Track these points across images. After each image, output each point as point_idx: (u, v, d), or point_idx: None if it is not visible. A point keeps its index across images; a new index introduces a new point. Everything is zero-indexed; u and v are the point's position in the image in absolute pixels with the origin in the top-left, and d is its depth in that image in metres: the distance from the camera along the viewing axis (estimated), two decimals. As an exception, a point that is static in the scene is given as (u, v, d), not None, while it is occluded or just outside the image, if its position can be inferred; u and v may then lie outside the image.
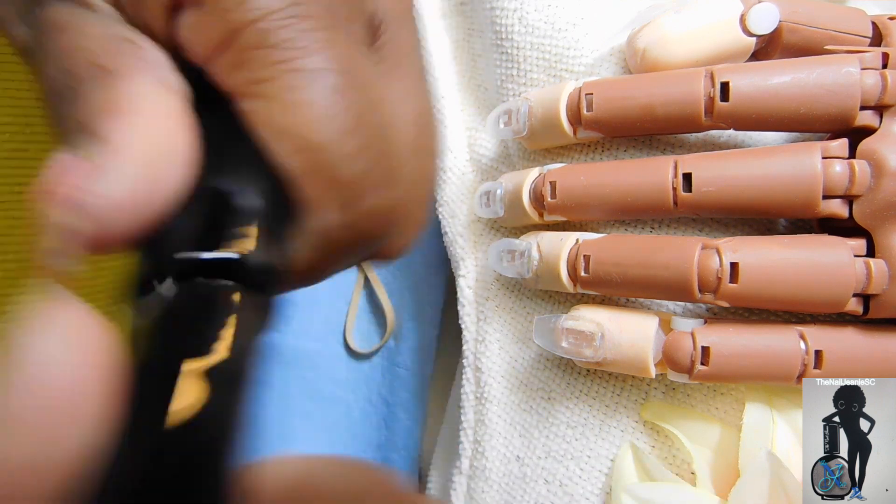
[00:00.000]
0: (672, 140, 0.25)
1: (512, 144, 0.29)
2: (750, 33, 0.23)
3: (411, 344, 0.37)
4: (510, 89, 0.28)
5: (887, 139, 0.21)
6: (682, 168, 0.22)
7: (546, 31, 0.26)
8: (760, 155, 0.21)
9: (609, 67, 0.26)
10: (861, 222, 0.21)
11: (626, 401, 0.25)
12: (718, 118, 0.22)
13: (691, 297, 0.21)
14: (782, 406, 0.23)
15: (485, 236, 0.30)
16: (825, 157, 0.21)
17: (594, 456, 0.25)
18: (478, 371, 0.29)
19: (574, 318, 0.24)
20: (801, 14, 0.23)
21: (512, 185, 0.26)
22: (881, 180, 0.20)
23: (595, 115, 0.23)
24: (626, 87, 0.23)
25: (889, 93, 0.21)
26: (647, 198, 0.23)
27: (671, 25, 0.23)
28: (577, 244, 0.24)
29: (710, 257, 0.21)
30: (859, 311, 0.21)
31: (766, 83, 0.21)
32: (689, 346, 0.21)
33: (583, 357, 0.23)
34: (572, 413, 0.26)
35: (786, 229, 0.24)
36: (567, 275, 0.24)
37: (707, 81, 0.22)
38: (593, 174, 0.24)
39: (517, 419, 0.28)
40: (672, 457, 0.24)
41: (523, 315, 0.28)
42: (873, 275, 0.20)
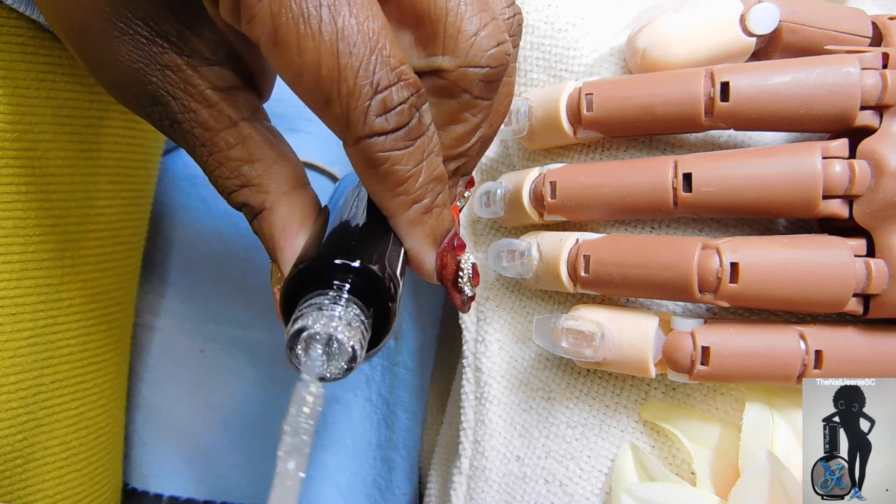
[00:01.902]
0: (672, 140, 0.25)
1: (512, 144, 0.29)
2: (750, 33, 0.23)
3: (411, 344, 0.37)
4: (510, 89, 0.28)
5: (887, 139, 0.21)
6: (682, 168, 0.22)
7: (546, 31, 0.26)
8: (760, 155, 0.21)
9: (609, 67, 0.26)
10: (861, 222, 0.21)
11: (626, 401, 0.25)
12: (718, 118, 0.22)
13: (691, 297, 0.21)
14: (782, 406, 0.23)
15: (485, 236, 0.30)
16: (825, 157, 0.21)
17: (594, 456, 0.25)
18: (478, 371, 0.29)
19: (574, 318, 0.24)
20: (801, 14, 0.23)
21: (512, 185, 0.26)
22: (881, 180, 0.20)
23: (595, 115, 0.23)
24: (626, 87, 0.23)
25: (889, 93, 0.21)
26: (647, 198, 0.23)
27: (671, 25, 0.23)
28: (577, 244, 0.24)
29: (710, 257, 0.21)
30: (859, 311, 0.21)
31: (766, 83, 0.21)
32: (689, 346, 0.21)
33: (583, 357, 0.23)
34: (572, 413, 0.26)
35: (786, 229, 0.24)
36: (567, 275, 0.24)
37: (707, 81, 0.22)
38: (593, 174, 0.24)
39: (517, 419, 0.28)
40: (672, 457, 0.24)
41: (523, 315, 0.28)
42: (873, 275, 0.20)
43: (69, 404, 0.30)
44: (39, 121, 0.27)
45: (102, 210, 0.31)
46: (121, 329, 0.34)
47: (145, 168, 0.34)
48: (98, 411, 0.32)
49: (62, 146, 0.28)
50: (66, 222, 0.29)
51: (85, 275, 0.30)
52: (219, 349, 0.39)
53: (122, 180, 0.32)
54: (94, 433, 0.32)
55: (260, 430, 0.38)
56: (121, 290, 0.33)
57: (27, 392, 0.28)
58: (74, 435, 0.30)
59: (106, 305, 0.32)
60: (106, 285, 0.32)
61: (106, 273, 0.32)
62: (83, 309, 0.30)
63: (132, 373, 0.38)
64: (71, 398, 0.30)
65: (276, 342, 0.38)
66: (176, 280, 0.39)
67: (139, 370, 0.38)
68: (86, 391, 0.31)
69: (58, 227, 0.28)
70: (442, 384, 0.37)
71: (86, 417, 0.31)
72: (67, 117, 0.28)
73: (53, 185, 0.28)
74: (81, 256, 0.30)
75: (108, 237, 0.31)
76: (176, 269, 0.39)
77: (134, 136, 0.32)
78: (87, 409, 0.31)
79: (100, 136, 0.30)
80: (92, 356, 0.31)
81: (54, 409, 0.29)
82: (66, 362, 0.30)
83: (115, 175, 0.31)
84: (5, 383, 0.27)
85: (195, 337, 0.39)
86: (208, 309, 0.39)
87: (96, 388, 0.32)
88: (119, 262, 0.33)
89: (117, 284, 0.33)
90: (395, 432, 0.37)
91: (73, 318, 0.30)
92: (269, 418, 0.38)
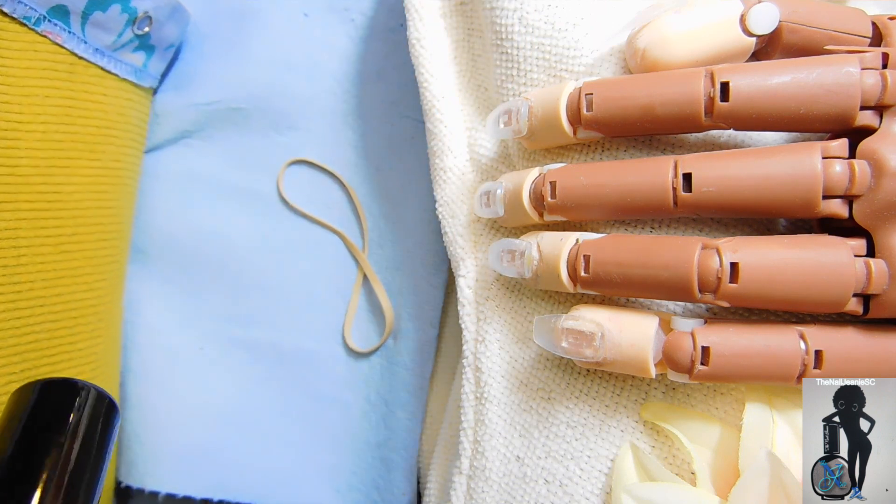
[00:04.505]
0: (672, 140, 0.25)
1: (512, 144, 0.29)
2: (750, 33, 0.23)
3: (410, 344, 0.37)
4: (510, 89, 0.28)
5: (887, 139, 0.21)
6: (682, 168, 0.22)
7: (546, 31, 0.26)
8: (760, 155, 0.21)
9: (609, 67, 0.26)
10: (861, 222, 0.21)
11: (626, 401, 0.25)
12: (718, 118, 0.22)
13: (691, 297, 0.21)
14: (782, 406, 0.23)
15: (485, 236, 0.30)
16: (825, 157, 0.21)
17: (594, 456, 0.25)
18: (478, 371, 0.29)
19: (574, 318, 0.24)
20: (801, 14, 0.23)
21: (512, 185, 0.26)
22: (881, 180, 0.20)
23: (595, 115, 0.23)
24: (626, 87, 0.23)
25: (889, 93, 0.21)
26: (647, 198, 0.23)
27: (671, 25, 0.23)
28: (577, 244, 0.24)
29: (710, 257, 0.21)
30: (859, 311, 0.21)
31: (766, 83, 0.21)
32: (689, 346, 0.21)
33: (583, 357, 0.23)
34: (572, 413, 0.26)
35: (786, 229, 0.24)
36: (567, 275, 0.24)
37: (707, 81, 0.22)
38: (593, 174, 0.24)
39: (517, 419, 0.28)
40: (672, 457, 0.24)
41: (523, 315, 0.28)
42: (873, 275, 0.20)
43: None
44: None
45: (57, 187, 0.30)
46: (98, 317, 0.34)
47: (111, 144, 0.34)
48: None
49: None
50: (15, 199, 0.28)
51: (43, 256, 0.30)
52: (217, 347, 0.39)
53: (81, 156, 0.31)
54: None
55: (258, 428, 0.38)
56: (93, 274, 0.33)
57: (3, 380, 0.28)
58: None
59: (74, 290, 0.32)
60: (71, 269, 0.31)
61: (69, 255, 0.31)
62: (46, 293, 0.30)
63: (127, 370, 0.38)
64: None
65: (274, 341, 0.38)
66: (174, 278, 0.39)
67: (135, 367, 0.38)
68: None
69: (8, 203, 0.28)
70: (442, 384, 0.37)
71: None
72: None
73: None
74: (38, 237, 0.29)
75: (68, 217, 0.31)
76: (174, 267, 0.39)
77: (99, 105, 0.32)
78: None
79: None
80: (62, 345, 0.31)
81: None
82: (32, 350, 0.29)
83: (72, 151, 0.31)
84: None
85: (193, 335, 0.39)
86: (207, 307, 0.39)
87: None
88: (86, 245, 0.32)
89: (87, 269, 0.32)
90: (393, 432, 0.37)
91: (34, 304, 0.29)
92: (266, 417, 0.38)
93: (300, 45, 0.38)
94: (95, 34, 0.32)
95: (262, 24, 0.39)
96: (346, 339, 0.38)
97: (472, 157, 0.31)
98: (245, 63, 0.38)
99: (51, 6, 0.29)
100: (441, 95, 0.31)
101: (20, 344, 0.28)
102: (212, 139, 0.39)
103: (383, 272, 0.38)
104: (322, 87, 0.38)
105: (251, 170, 0.39)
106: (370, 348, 0.38)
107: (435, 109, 0.31)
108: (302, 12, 0.39)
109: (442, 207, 0.31)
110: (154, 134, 0.39)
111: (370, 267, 0.38)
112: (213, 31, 0.39)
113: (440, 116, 0.31)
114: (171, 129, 0.39)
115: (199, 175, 0.39)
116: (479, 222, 0.30)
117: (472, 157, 0.31)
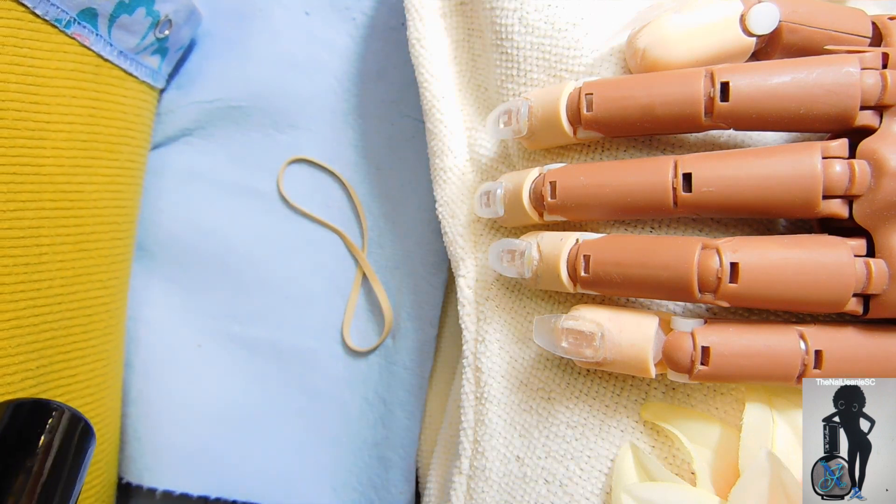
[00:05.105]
0: (672, 140, 0.25)
1: (512, 144, 0.29)
2: (750, 33, 0.23)
3: (410, 343, 0.37)
4: (510, 89, 0.28)
5: (887, 139, 0.21)
6: (682, 168, 0.22)
7: (546, 31, 0.26)
8: (760, 155, 0.21)
9: (609, 67, 0.26)
10: (861, 222, 0.21)
11: (626, 401, 0.25)
12: (718, 118, 0.22)
13: (691, 297, 0.21)
14: (782, 406, 0.23)
15: (485, 236, 0.30)
16: (825, 157, 0.21)
17: (594, 456, 0.25)
18: (478, 371, 0.29)
19: (574, 318, 0.24)
20: (801, 14, 0.23)
21: (512, 185, 0.26)
22: (881, 180, 0.20)
23: (595, 115, 0.23)
24: (626, 87, 0.23)
25: (889, 93, 0.21)
26: (647, 198, 0.23)
27: (671, 25, 0.23)
28: (577, 244, 0.24)
29: (709, 257, 0.21)
30: (859, 311, 0.21)
31: (766, 83, 0.21)
32: (689, 346, 0.21)
33: (583, 357, 0.23)
34: (572, 413, 0.26)
35: (786, 229, 0.24)
36: (567, 275, 0.24)
37: (707, 81, 0.22)
38: (593, 174, 0.24)
39: (517, 419, 0.28)
40: (672, 457, 0.24)
41: (523, 315, 0.28)
42: (873, 275, 0.20)
43: (55, 391, 0.30)
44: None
45: (79, 187, 0.31)
46: (109, 315, 0.34)
47: (128, 144, 0.34)
48: (91, 403, 0.32)
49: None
50: (39, 198, 0.29)
51: (63, 255, 0.30)
52: (216, 344, 0.39)
53: (102, 156, 0.32)
54: None
55: (255, 426, 0.38)
56: (107, 273, 0.33)
57: (13, 378, 0.28)
58: None
59: (89, 289, 0.32)
60: (87, 267, 0.32)
61: (87, 254, 0.32)
62: (64, 291, 0.30)
63: (128, 366, 0.38)
64: (57, 386, 0.30)
65: (273, 338, 0.38)
66: (174, 275, 0.39)
67: (135, 363, 0.38)
68: (75, 380, 0.31)
69: (32, 202, 0.28)
70: (441, 384, 0.37)
71: (77, 408, 0.31)
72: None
73: (24, 157, 0.28)
74: (59, 235, 0.30)
75: (87, 216, 0.31)
76: (174, 264, 0.39)
77: (121, 109, 0.32)
78: (78, 400, 0.31)
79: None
80: (77, 342, 0.31)
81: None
82: (48, 347, 0.29)
83: (94, 151, 0.31)
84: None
85: (192, 332, 0.39)
86: (206, 304, 0.39)
87: (86, 377, 0.32)
88: (102, 244, 0.33)
89: (102, 267, 0.33)
90: (392, 431, 0.37)
91: (53, 301, 0.30)
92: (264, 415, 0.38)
93: (301, 44, 0.38)
94: (120, 37, 0.32)
95: (263, 22, 0.39)
96: (345, 338, 0.38)
97: (472, 157, 0.31)
98: (246, 61, 0.38)
99: (81, 9, 0.30)
100: (441, 95, 0.31)
101: (38, 341, 0.29)
102: (212, 137, 0.39)
103: (383, 271, 0.38)
104: (323, 85, 0.38)
105: (251, 168, 0.39)
106: (369, 347, 0.38)
107: (435, 109, 0.31)
108: (303, 11, 0.39)
109: (442, 207, 0.31)
110: (155, 132, 0.39)
111: (370, 266, 0.38)
112: (215, 30, 0.39)
113: (440, 116, 0.31)
114: (172, 127, 0.39)
115: (200, 173, 0.39)
116: (479, 222, 0.30)
117: (472, 157, 0.31)
